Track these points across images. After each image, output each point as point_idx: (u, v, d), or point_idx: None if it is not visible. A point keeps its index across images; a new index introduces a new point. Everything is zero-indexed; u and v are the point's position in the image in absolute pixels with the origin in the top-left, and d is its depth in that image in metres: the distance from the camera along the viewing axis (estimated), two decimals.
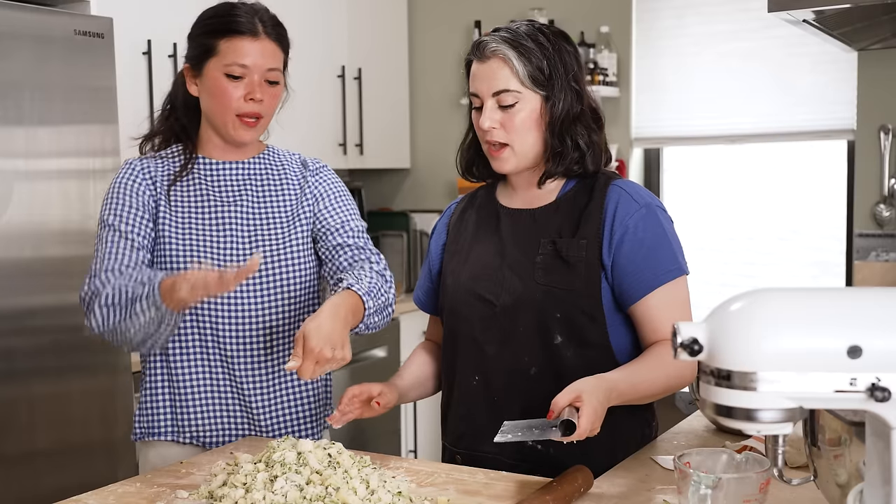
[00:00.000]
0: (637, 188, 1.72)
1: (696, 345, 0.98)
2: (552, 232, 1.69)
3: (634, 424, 1.71)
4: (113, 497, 1.47)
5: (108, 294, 1.66)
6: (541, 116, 1.67)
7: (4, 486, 2.46)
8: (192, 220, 1.80)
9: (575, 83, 1.69)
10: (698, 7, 3.87)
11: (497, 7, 4.23)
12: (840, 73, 3.62)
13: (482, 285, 1.72)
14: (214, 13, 1.79)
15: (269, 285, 1.80)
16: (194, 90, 1.80)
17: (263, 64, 1.76)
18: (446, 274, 1.81)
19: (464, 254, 1.79)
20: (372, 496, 1.36)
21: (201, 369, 1.80)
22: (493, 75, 1.66)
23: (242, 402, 1.81)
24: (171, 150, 1.87)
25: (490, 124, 1.67)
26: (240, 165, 1.86)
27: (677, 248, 1.69)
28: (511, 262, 1.70)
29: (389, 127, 4.37)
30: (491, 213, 1.79)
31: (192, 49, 1.81)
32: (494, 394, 1.70)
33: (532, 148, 1.69)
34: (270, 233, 1.83)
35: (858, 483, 1.04)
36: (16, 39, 2.48)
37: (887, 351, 0.93)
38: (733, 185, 3.94)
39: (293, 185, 1.89)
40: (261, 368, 1.81)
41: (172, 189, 1.81)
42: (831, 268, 3.76)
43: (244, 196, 1.84)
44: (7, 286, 2.49)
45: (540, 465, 1.64)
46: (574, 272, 1.65)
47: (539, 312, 1.66)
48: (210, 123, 1.82)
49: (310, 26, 3.86)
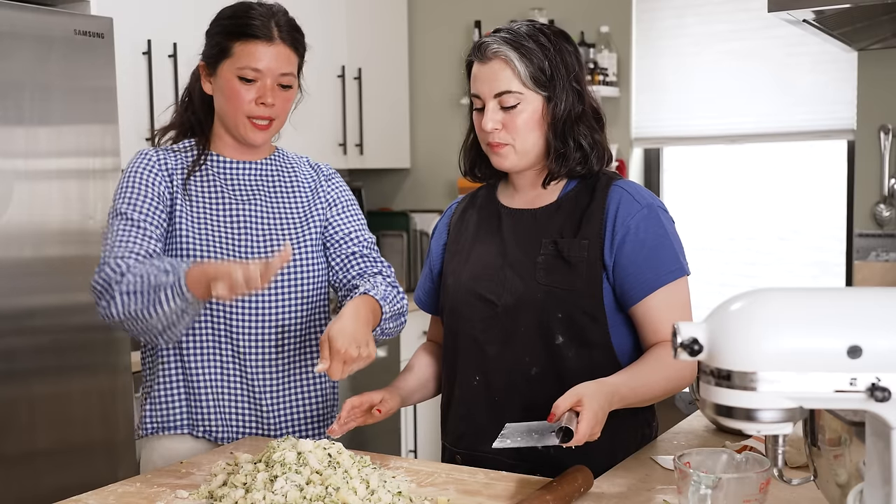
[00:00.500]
0: (639, 188, 1.72)
1: (696, 345, 0.98)
2: (554, 232, 1.69)
3: (635, 425, 1.71)
4: (113, 497, 1.47)
5: (131, 280, 1.63)
6: (542, 117, 1.67)
7: (5, 486, 2.46)
8: (210, 215, 1.81)
9: (576, 83, 1.69)
10: (698, 7, 3.87)
11: (497, 7, 4.23)
12: (840, 72, 3.62)
13: (483, 285, 1.72)
14: (232, 13, 1.79)
15: (282, 285, 1.81)
16: (209, 88, 1.81)
17: (277, 68, 1.76)
18: (447, 274, 1.81)
19: (465, 254, 1.79)
20: (372, 496, 1.36)
21: (214, 366, 1.80)
22: (494, 77, 1.66)
23: (252, 400, 1.82)
24: (184, 144, 1.88)
25: (492, 126, 1.67)
26: (252, 166, 1.87)
27: (679, 249, 1.69)
28: (512, 262, 1.70)
29: (389, 127, 4.37)
30: (492, 213, 1.79)
31: (208, 47, 1.81)
32: (495, 394, 1.70)
33: (533, 147, 1.69)
34: (284, 233, 1.85)
35: (858, 483, 1.04)
36: (16, 39, 2.48)
37: (887, 351, 0.93)
38: (733, 185, 3.94)
39: (304, 187, 1.91)
40: (272, 367, 1.82)
41: (188, 183, 1.82)
42: (831, 268, 3.76)
43: (258, 196, 1.85)
44: (7, 286, 2.49)
45: (540, 465, 1.63)
46: (575, 272, 1.65)
47: (541, 312, 1.66)
48: (222, 123, 1.83)
49: (310, 26, 3.83)
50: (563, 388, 1.51)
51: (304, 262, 1.85)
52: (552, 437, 1.43)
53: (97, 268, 1.71)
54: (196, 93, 1.88)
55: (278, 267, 1.53)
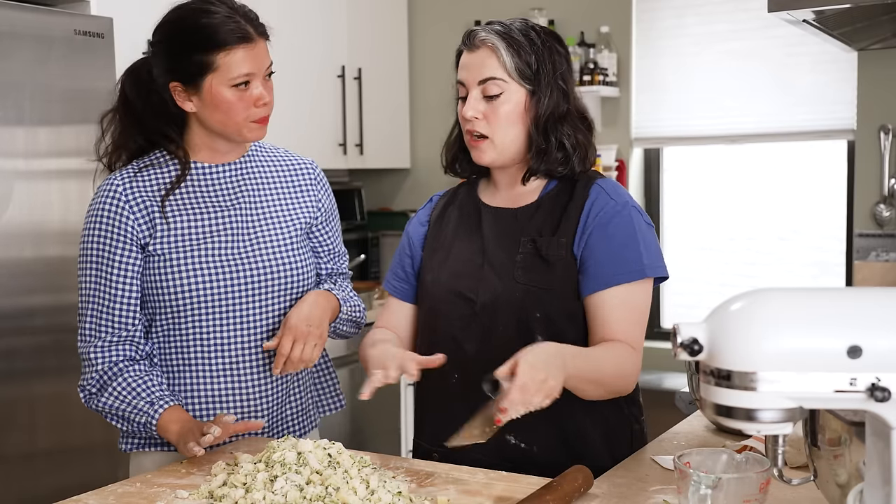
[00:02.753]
0: (617, 187, 1.71)
1: (696, 345, 0.98)
2: (533, 231, 1.69)
3: (622, 421, 1.71)
4: (113, 497, 1.47)
5: (106, 404, 1.74)
6: (525, 111, 1.67)
7: (5, 486, 2.46)
8: (192, 227, 1.76)
9: (563, 83, 1.69)
10: (698, 7, 3.87)
11: (497, 7, 4.22)
12: (840, 73, 3.62)
13: (462, 283, 1.72)
14: (194, 25, 1.68)
15: (271, 286, 1.79)
16: (190, 107, 1.73)
17: (264, 64, 1.74)
18: (426, 271, 1.80)
19: (444, 251, 1.78)
20: (372, 496, 1.36)
21: (203, 372, 1.77)
22: (480, 63, 1.67)
23: (245, 404, 1.79)
24: (151, 157, 1.79)
25: (473, 114, 1.67)
26: (231, 167, 1.83)
27: (647, 251, 1.65)
28: (492, 261, 1.70)
29: (389, 127, 4.37)
30: (472, 211, 1.78)
31: (180, 65, 1.70)
32: (473, 392, 1.69)
33: (513, 142, 1.68)
34: (270, 232, 1.82)
35: (858, 483, 1.04)
36: (16, 39, 2.48)
37: (887, 351, 0.93)
38: (733, 185, 3.94)
39: (286, 181, 1.88)
40: (264, 370, 1.80)
41: (167, 200, 1.76)
42: (831, 268, 3.76)
43: (240, 199, 1.81)
44: (7, 286, 2.50)
45: (521, 464, 1.62)
46: (553, 272, 1.65)
47: (519, 311, 1.65)
48: (216, 132, 1.77)
49: (310, 26, 3.86)
50: None
51: (289, 261, 1.81)
52: (486, 393, 1.43)
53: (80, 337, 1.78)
54: (144, 107, 1.78)
55: (240, 430, 1.64)
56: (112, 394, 1.72)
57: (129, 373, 1.73)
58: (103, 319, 1.74)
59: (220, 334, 1.77)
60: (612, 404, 1.69)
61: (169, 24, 1.74)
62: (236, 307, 1.76)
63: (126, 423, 1.74)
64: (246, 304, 1.77)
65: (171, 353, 1.78)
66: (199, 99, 1.72)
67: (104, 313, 1.74)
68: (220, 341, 1.77)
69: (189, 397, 1.78)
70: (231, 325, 1.77)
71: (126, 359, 1.74)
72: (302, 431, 1.89)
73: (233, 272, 1.76)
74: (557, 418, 1.63)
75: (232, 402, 1.79)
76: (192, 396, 1.78)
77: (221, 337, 1.77)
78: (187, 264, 1.74)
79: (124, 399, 1.71)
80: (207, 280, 1.74)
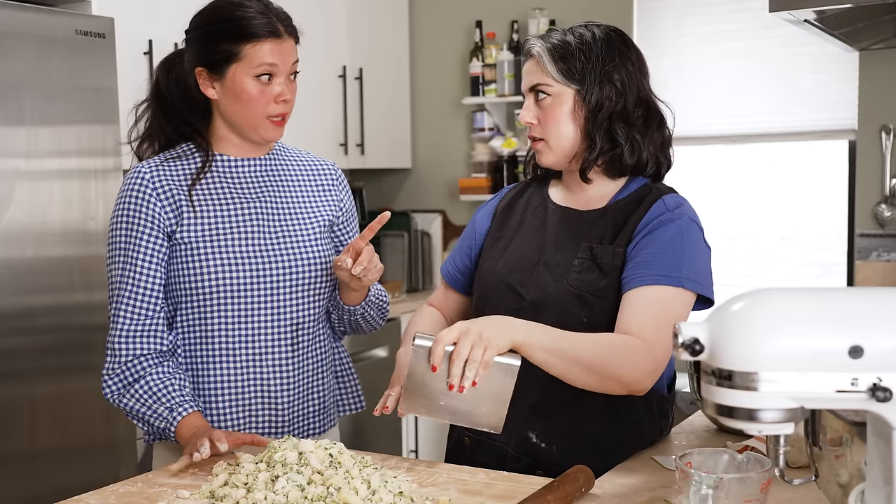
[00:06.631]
0: (681, 204, 1.69)
1: (698, 345, 0.98)
2: (594, 237, 1.69)
3: (646, 431, 1.70)
4: (114, 497, 1.47)
5: (128, 405, 1.75)
6: (576, 110, 1.68)
7: (6, 486, 2.47)
8: (219, 217, 1.79)
9: (616, 79, 1.67)
10: (699, 7, 3.87)
11: (497, 7, 4.23)
12: (841, 73, 3.62)
13: (515, 277, 1.73)
14: (229, 15, 1.74)
15: (295, 281, 1.81)
16: (212, 93, 1.77)
17: (289, 61, 1.77)
18: (484, 259, 1.82)
19: (505, 242, 1.80)
20: (373, 496, 1.36)
21: (227, 365, 1.79)
22: (529, 72, 1.72)
23: (267, 399, 1.81)
24: (178, 149, 1.84)
25: (528, 119, 1.72)
26: (257, 162, 1.86)
27: (690, 263, 1.62)
28: (548, 260, 1.71)
29: (390, 127, 4.37)
30: (539, 207, 1.80)
31: (207, 52, 1.76)
32: None
33: (568, 142, 1.70)
34: (295, 227, 1.84)
35: (860, 483, 1.04)
36: (17, 39, 2.48)
37: (889, 351, 0.93)
38: (734, 185, 3.94)
39: (309, 181, 1.91)
40: (287, 364, 1.81)
41: (194, 190, 1.79)
42: (832, 268, 3.76)
43: (266, 193, 1.84)
44: (8, 286, 2.50)
45: (540, 461, 1.64)
46: (606, 280, 1.64)
47: (565, 314, 1.64)
48: (233, 124, 1.80)
49: (311, 26, 3.83)
50: (571, 390, 1.54)
51: (313, 256, 1.84)
52: None
53: (109, 339, 1.76)
54: (177, 96, 1.82)
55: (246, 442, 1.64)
56: (134, 396, 1.74)
57: (153, 375, 1.74)
58: (129, 304, 1.76)
59: (243, 326, 1.79)
60: (639, 413, 1.68)
61: (204, 14, 1.79)
62: (261, 299, 1.78)
63: (146, 426, 1.77)
64: (270, 297, 1.79)
65: (195, 344, 1.79)
66: (222, 86, 1.76)
67: (130, 298, 1.76)
68: (244, 332, 1.79)
69: (211, 389, 1.79)
70: (255, 316, 1.79)
71: (151, 353, 1.76)
72: (322, 429, 1.90)
73: (258, 265, 1.77)
74: (581, 423, 1.65)
75: (253, 394, 1.80)
76: (214, 388, 1.79)
77: (245, 328, 1.79)
78: (213, 255, 1.76)
79: (145, 402, 1.74)
80: (233, 271, 1.76)
